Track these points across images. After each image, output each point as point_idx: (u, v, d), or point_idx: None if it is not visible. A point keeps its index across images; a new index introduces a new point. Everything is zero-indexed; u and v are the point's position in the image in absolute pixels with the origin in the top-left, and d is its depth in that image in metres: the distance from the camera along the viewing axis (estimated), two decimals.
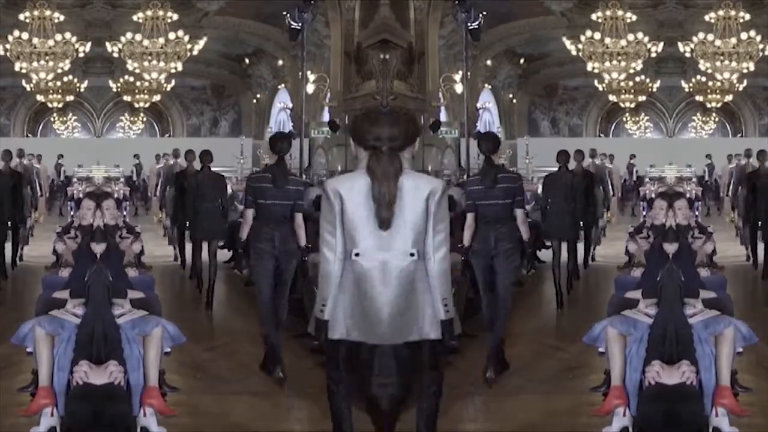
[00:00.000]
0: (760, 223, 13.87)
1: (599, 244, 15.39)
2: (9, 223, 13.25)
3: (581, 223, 12.42)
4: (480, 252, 7.64)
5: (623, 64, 22.50)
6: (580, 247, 13.42)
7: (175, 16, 22.60)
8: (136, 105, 27.76)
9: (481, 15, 15.93)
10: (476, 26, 15.98)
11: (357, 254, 4.89)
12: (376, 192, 4.86)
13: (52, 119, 32.26)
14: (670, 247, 6.23)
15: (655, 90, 27.80)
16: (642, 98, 27.51)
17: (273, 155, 7.95)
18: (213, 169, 11.72)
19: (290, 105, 26.56)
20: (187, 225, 12.42)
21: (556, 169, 11.70)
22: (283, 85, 28.34)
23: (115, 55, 22.76)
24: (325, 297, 4.90)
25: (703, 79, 26.02)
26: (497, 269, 7.61)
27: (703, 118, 32.66)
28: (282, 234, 7.65)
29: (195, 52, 22.75)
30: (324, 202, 4.96)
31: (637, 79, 25.92)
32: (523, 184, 7.88)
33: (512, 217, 7.64)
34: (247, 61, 29.46)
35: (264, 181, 7.77)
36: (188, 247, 13.20)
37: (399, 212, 4.87)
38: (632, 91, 26.61)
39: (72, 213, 8.42)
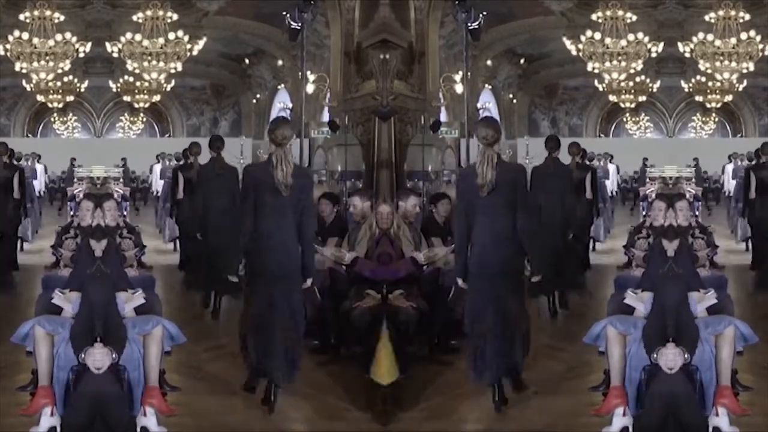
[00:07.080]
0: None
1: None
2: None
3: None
4: None
5: (623, 64, 22.45)
6: None
7: (175, 16, 22.55)
8: (136, 105, 27.74)
9: (481, 15, 15.89)
10: (476, 26, 15.95)
11: None
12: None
13: (52, 119, 32.22)
14: (670, 246, 6.22)
15: (655, 90, 27.76)
16: (642, 98, 27.48)
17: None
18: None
19: (290, 105, 26.48)
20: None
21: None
22: (282, 85, 28.31)
23: (115, 55, 22.71)
24: None
25: (703, 79, 25.98)
26: None
27: (703, 119, 32.62)
28: None
29: (195, 53, 22.70)
30: None
31: (637, 79, 25.87)
32: None
33: None
34: (247, 61, 29.42)
35: None
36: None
37: None
38: (632, 91, 26.57)
39: (72, 213, 8.39)
